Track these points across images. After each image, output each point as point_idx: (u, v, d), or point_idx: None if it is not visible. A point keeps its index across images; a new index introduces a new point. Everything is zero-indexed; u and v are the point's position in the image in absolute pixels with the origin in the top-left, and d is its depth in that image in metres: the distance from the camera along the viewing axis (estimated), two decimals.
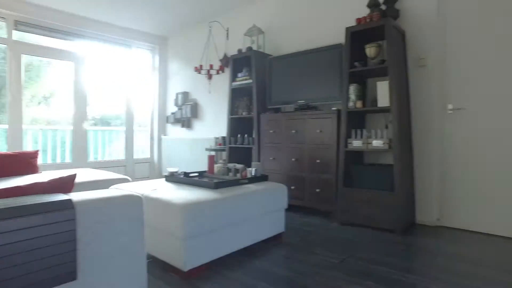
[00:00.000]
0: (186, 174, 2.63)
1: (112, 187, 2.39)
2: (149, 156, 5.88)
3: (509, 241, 2.50)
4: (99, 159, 5.26)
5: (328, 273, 1.93)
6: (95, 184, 2.78)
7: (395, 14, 3.00)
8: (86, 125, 4.99)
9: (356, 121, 3.15)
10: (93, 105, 5.14)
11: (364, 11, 3.29)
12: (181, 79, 5.60)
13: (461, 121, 2.81)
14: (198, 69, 4.26)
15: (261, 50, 4.05)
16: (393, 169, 2.68)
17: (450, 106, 2.85)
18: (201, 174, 2.77)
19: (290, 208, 3.56)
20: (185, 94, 5.42)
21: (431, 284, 1.79)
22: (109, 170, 5.14)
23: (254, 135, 3.78)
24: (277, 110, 3.82)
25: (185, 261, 1.81)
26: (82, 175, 3.00)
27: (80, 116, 4.91)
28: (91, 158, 5.15)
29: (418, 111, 2.99)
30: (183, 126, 5.45)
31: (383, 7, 3.08)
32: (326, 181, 3.10)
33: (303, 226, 2.92)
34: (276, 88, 3.71)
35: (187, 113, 5.27)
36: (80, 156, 4.94)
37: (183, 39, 5.55)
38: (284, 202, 2.49)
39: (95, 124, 5.21)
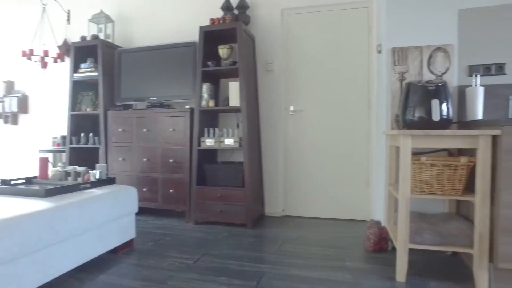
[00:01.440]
0: (4, 182, 2.10)
1: None
2: None
3: (337, 222, 2.99)
4: None
5: (183, 276, 1.87)
6: None
7: (247, 20, 3.18)
8: None
9: (209, 120, 3.20)
10: None
11: (219, 13, 3.38)
12: (3, 64, 4.53)
13: (301, 121, 3.20)
14: (28, 54, 3.52)
15: (109, 40, 3.65)
16: (243, 166, 2.83)
17: (291, 108, 3.22)
18: (29, 180, 2.27)
19: (143, 212, 3.34)
20: (10, 84, 4.40)
21: (278, 269, 1.95)
22: None
23: (100, 134, 3.37)
24: (127, 107, 3.51)
25: None
26: None
27: None
28: None
29: (266, 111, 3.26)
30: (6, 122, 4.42)
31: (236, 11, 3.22)
32: (180, 181, 3.03)
33: (157, 229, 2.77)
34: (126, 84, 3.41)
35: (12, 107, 4.30)
36: None
37: (7, 12, 4.50)
38: (133, 205, 2.29)
39: None
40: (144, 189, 3.14)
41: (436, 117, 1.89)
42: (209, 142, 2.92)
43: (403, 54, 2.28)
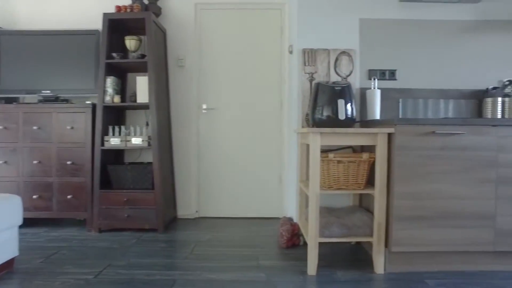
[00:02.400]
0: None
1: None
2: None
3: (252, 220, 2.99)
4: None
5: None
6: None
7: (157, 11, 2.97)
8: None
9: (115, 117, 2.91)
10: None
11: (127, 1, 3.09)
12: None
13: (214, 120, 3.13)
14: None
15: None
16: (153, 167, 2.63)
17: (204, 106, 3.12)
18: None
19: (33, 223, 2.87)
20: None
21: (190, 275, 1.83)
22: None
23: None
24: (10, 101, 2.98)
25: None
26: None
27: None
28: None
29: (177, 109, 3.09)
30: None
31: (146, 1, 2.99)
32: (80, 185, 2.68)
33: (51, 242, 2.40)
34: (9, 73, 2.89)
35: None
36: None
37: None
38: (16, 217, 1.92)
39: None
40: (35, 197, 2.69)
41: (342, 116, 2.00)
42: (114, 141, 2.64)
43: (312, 55, 2.38)
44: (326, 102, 2.03)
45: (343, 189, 1.96)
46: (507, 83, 2.31)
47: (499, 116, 2.30)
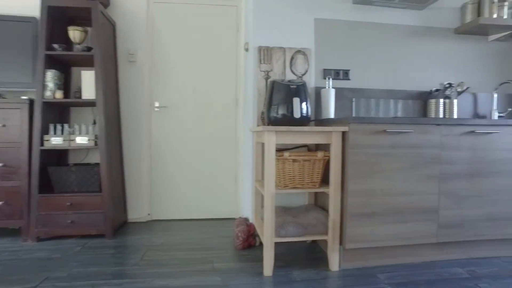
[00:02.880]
0: None
1: None
2: None
3: (208, 222, 2.91)
4: None
5: None
6: None
7: (106, 2, 2.77)
8: None
9: (57, 114, 2.68)
10: None
11: None
12: None
13: (166, 118, 2.99)
14: None
15: None
16: (100, 168, 2.45)
17: (156, 104, 2.98)
18: None
19: None
20: None
21: (140, 283, 1.71)
22: None
23: None
24: None
25: None
26: None
27: None
28: None
29: (128, 106, 2.92)
30: None
31: None
32: (14, 190, 2.42)
33: None
34: None
35: None
36: None
37: None
38: None
39: None
40: None
41: (297, 114, 2.00)
42: (55, 140, 2.42)
43: (268, 53, 2.36)
44: (281, 101, 2.02)
45: (298, 188, 1.95)
46: (447, 85, 2.46)
47: (441, 116, 2.45)
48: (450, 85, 2.45)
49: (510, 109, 2.73)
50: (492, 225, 2.04)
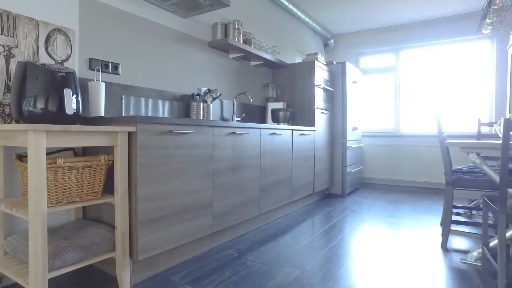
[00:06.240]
0: None
1: None
2: None
3: None
4: None
5: None
6: None
7: None
8: None
9: None
10: None
11: None
12: None
13: None
14: None
15: None
16: None
17: None
18: None
19: None
20: None
21: None
22: None
23: None
24: None
25: None
26: None
27: None
28: None
29: None
30: None
31: None
32: None
33: None
34: None
35: None
36: None
37: None
38: None
39: None
40: None
41: (69, 110, 1.59)
42: None
43: (10, 21, 1.71)
44: (42, 91, 1.54)
45: (76, 202, 1.57)
46: (206, 91, 2.76)
47: (201, 117, 2.71)
48: (209, 90, 2.76)
49: (244, 115, 3.43)
50: (246, 208, 2.50)
